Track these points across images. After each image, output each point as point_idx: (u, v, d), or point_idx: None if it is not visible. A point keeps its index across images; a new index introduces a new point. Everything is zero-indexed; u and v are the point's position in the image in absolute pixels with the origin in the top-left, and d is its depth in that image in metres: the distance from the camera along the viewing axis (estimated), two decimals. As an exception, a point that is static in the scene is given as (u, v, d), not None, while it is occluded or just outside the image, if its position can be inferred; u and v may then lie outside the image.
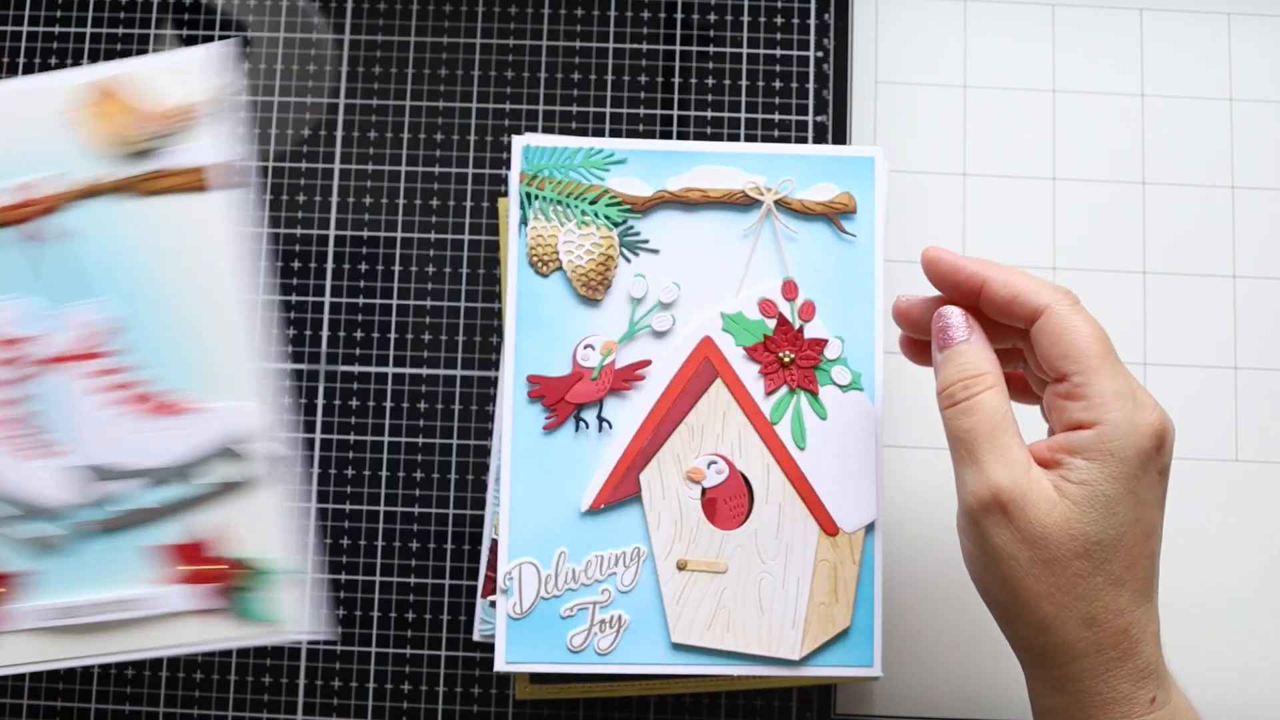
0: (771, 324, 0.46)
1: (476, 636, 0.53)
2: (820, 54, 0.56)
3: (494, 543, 0.46)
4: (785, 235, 0.47)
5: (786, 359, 0.46)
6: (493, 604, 0.48)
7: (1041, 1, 0.58)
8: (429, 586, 0.54)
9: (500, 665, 0.45)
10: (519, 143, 0.47)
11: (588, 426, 0.46)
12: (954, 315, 0.42)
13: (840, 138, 0.56)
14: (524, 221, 0.46)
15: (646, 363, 0.46)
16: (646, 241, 0.47)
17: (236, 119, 0.56)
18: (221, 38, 0.57)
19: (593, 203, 0.46)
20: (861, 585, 0.45)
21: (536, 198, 0.46)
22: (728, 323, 0.46)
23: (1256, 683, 0.53)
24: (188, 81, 0.46)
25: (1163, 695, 0.39)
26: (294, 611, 0.45)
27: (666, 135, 0.56)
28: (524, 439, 0.46)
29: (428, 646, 0.53)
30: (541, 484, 0.45)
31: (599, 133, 0.56)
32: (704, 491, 0.46)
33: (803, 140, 0.56)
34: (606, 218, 0.46)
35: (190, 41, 0.57)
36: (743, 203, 0.47)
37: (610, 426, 0.46)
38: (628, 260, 0.47)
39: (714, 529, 0.45)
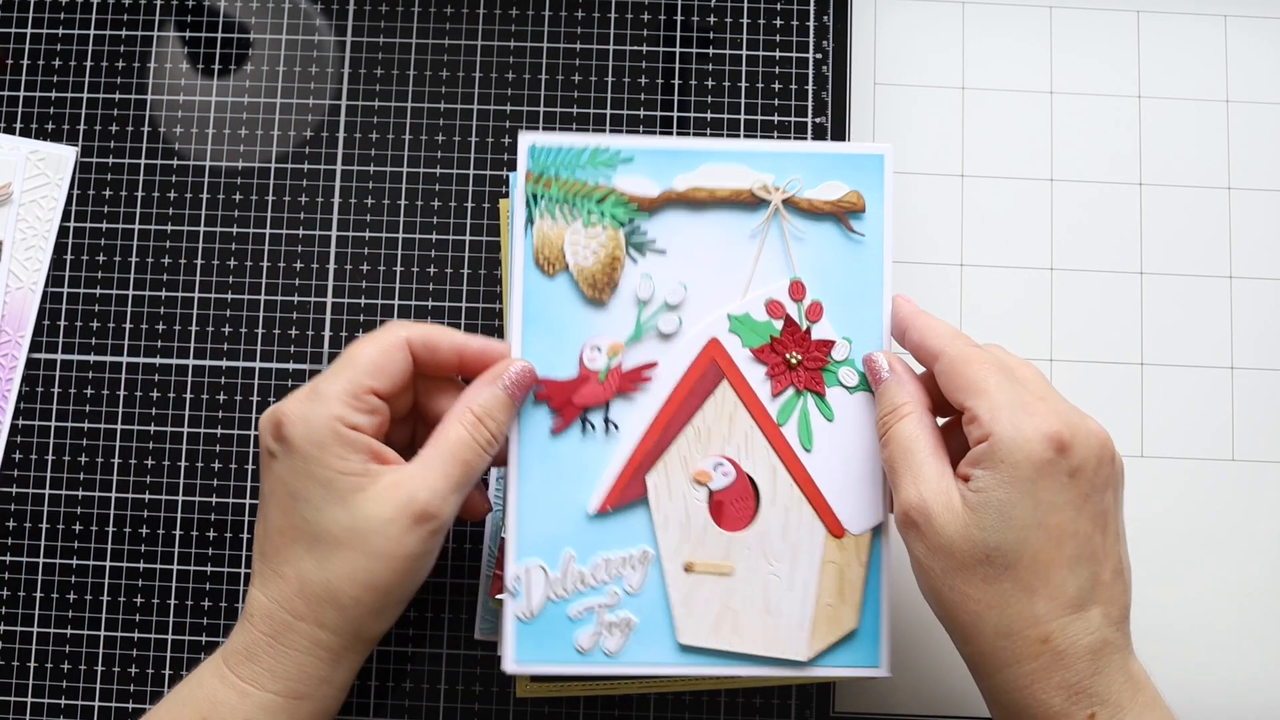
0: (779, 325, 0.46)
1: (477, 635, 0.53)
2: (819, 56, 0.57)
3: (503, 541, 0.46)
4: (793, 235, 0.46)
5: (794, 360, 0.46)
6: (494, 602, 0.48)
7: (1039, 4, 0.58)
8: (429, 586, 0.54)
9: (509, 667, 0.44)
10: (525, 141, 0.46)
11: (594, 429, 0.45)
12: (878, 358, 0.45)
13: (839, 139, 0.56)
14: (530, 221, 0.46)
15: (653, 364, 0.46)
16: (653, 242, 0.46)
17: None
18: (224, 40, 0.57)
19: (600, 202, 0.46)
20: (869, 587, 0.45)
21: (542, 197, 0.46)
22: (734, 324, 0.46)
23: (1253, 682, 0.53)
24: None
25: (1105, 713, 0.38)
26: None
27: (666, 136, 0.56)
28: (531, 442, 0.45)
29: (428, 646, 0.53)
30: (549, 487, 0.45)
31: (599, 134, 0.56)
32: (710, 494, 0.45)
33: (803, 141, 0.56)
34: (613, 217, 0.46)
35: (192, 43, 0.57)
36: (750, 202, 0.46)
37: (617, 429, 0.46)
38: (634, 261, 0.46)
39: (720, 531, 0.45)
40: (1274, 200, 0.56)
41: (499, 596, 0.47)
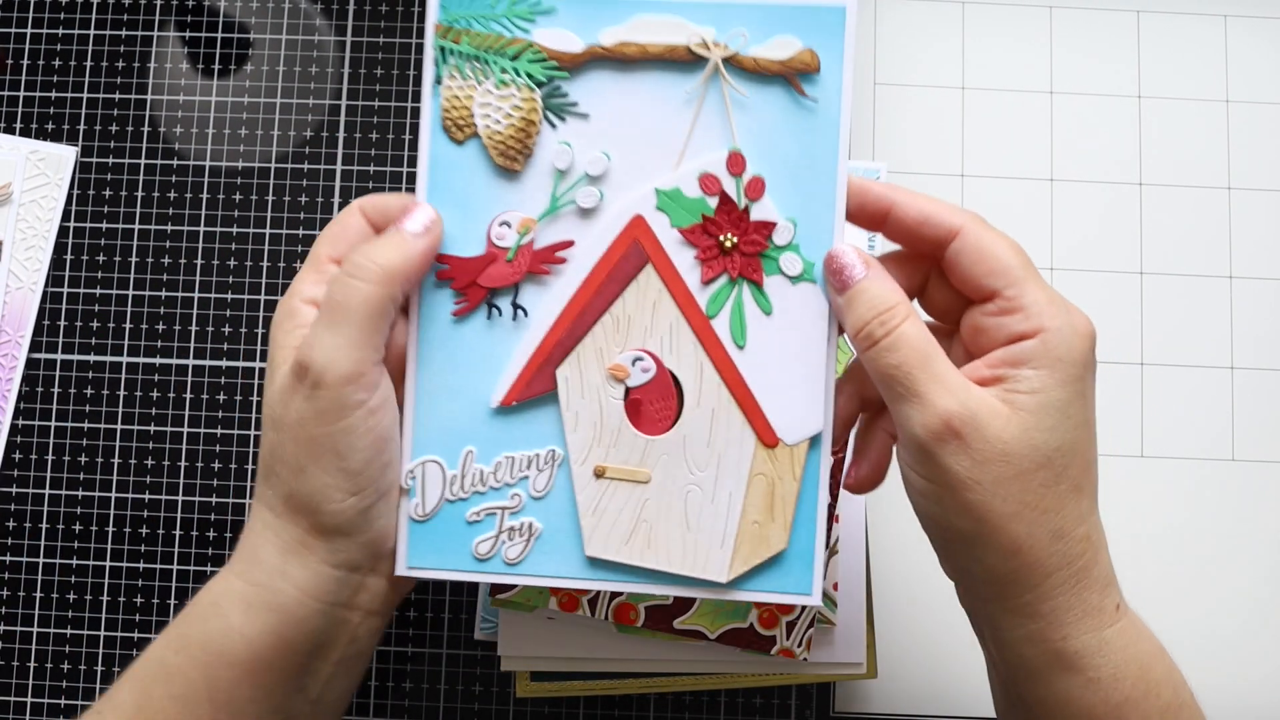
0: (713, 202, 0.40)
1: (477, 635, 0.53)
2: (819, 56, 0.57)
3: None
4: (734, 99, 0.40)
5: (728, 243, 0.40)
6: (492, 598, 0.48)
7: (1039, 4, 0.58)
8: (429, 586, 0.54)
9: (401, 569, 0.40)
10: None
11: (501, 314, 0.40)
12: (848, 253, 0.39)
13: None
14: (438, 80, 0.40)
15: (569, 243, 0.40)
16: (574, 105, 0.40)
17: None
18: (224, 40, 0.57)
19: (514, 58, 0.40)
20: (802, 504, 0.40)
21: (452, 53, 0.40)
22: (662, 200, 0.40)
23: (1254, 683, 0.54)
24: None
25: (1123, 603, 0.38)
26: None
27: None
28: (431, 326, 0.40)
29: (428, 646, 0.54)
30: (449, 376, 0.40)
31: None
32: (628, 391, 0.40)
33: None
34: (529, 76, 0.40)
35: (192, 43, 0.57)
36: (686, 60, 0.40)
37: (526, 314, 0.40)
38: (552, 126, 0.40)
39: (637, 433, 0.40)
40: (1274, 200, 0.56)
41: (500, 596, 0.47)
